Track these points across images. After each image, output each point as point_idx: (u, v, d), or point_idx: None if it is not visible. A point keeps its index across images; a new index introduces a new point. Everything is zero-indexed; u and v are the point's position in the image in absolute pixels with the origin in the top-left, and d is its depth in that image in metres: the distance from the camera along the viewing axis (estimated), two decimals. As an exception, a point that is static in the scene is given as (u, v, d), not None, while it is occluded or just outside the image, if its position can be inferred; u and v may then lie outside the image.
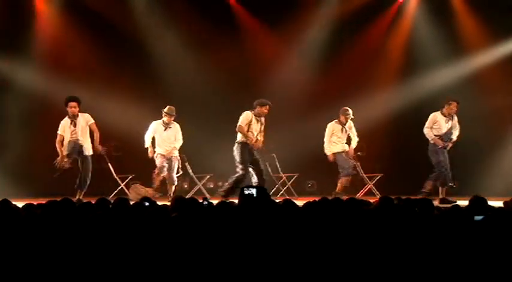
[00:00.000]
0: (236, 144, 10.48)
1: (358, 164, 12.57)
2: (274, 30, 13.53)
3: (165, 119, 11.26)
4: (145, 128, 11.37)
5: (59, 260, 3.97)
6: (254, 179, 10.43)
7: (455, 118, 11.07)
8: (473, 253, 3.96)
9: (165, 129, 11.27)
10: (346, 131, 11.45)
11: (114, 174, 12.52)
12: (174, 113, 11.24)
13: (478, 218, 4.63)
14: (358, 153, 12.93)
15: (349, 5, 13.52)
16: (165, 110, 11.24)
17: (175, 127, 11.33)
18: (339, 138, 11.43)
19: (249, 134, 10.43)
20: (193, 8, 13.37)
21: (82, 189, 10.41)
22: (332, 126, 11.47)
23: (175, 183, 11.30)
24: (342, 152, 11.40)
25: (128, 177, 12.57)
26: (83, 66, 13.23)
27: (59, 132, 10.51)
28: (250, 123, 10.45)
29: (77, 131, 10.46)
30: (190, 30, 13.48)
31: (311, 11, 13.50)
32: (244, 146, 10.43)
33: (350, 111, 11.43)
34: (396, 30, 13.78)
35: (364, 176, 12.69)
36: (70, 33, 13.31)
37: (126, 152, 13.21)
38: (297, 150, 12.42)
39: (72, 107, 10.44)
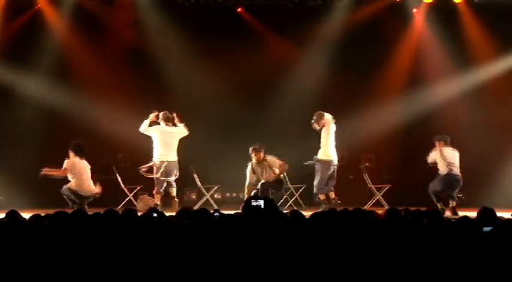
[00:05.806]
0: None
1: (366, 174, 12.57)
2: (284, 38, 13.53)
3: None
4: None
5: (68, 271, 3.97)
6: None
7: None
8: (483, 264, 3.95)
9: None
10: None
11: (122, 185, 12.53)
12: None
13: (486, 229, 4.61)
14: (366, 164, 12.92)
15: (359, 14, 13.50)
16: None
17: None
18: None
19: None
20: (203, 17, 13.40)
21: None
22: None
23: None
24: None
25: (136, 188, 12.58)
26: (92, 78, 13.22)
27: None
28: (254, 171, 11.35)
29: None
30: (199, 40, 13.49)
31: (321, 19, 13.47)
32: None
33: (325, 115, 10.97)
34: (405, 40, 13.75)
35: (372, 186, 12.66)
36: (78, 44, 13.33)
37: (133, 163, 13.20)
38: (304, 161, 12.39)
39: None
